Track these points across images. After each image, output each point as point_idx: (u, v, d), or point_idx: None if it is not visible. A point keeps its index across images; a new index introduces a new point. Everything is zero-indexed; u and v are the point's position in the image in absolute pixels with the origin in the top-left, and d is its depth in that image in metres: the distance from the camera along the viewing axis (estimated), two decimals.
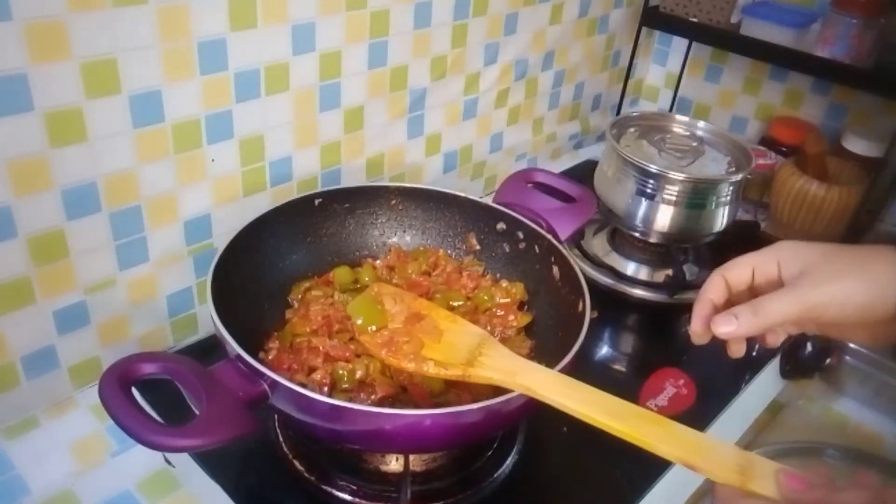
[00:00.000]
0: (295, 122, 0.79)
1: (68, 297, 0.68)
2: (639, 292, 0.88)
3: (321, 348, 0.62)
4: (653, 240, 0.91)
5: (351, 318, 0.63)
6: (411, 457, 0.60)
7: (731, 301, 0.52)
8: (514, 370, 0.53)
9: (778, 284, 0.50)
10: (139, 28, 0.62)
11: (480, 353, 0.56)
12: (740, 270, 0.52)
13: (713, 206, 0.87)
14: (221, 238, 0.68)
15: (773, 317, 0.48)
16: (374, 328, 0.61)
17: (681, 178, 0.85)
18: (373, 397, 0.59)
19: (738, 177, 0.87)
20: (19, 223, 0.61)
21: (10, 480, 0.65)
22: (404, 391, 0.61)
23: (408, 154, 0.96)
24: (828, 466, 0.43)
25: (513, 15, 0.99)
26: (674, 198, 0.86)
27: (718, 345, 0.51)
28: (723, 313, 0.50)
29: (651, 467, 0.64)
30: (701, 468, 0.44)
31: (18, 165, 0.59)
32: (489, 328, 0.68)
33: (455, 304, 0.71)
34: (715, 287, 0.53)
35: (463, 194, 0.77)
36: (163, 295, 0.76)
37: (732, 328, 0.49)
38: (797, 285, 0.49)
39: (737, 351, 0.53)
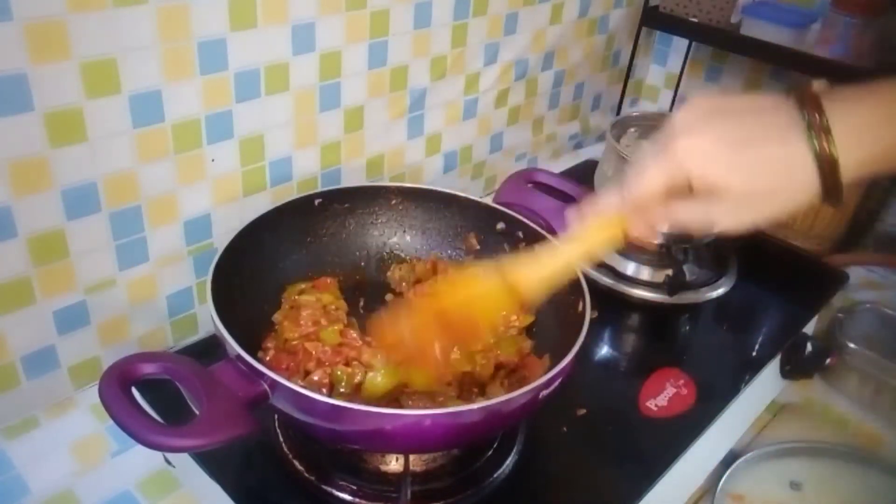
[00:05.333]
0: (295, 122, 0.79)
1: (68, 297, 0.68)
2: (639, 292, 0.88)
3: (314, 353, 0.62)
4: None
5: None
6: (411, 457, 0.60)
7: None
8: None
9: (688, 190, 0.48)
10: (139, 28, 0.62)
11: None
12: (647, 190, 0.48)
13: None
14: (221, 238, 0.68)
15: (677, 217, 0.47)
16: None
17: None
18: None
19: None
20: (19, 223, 0.61)
21: (10, 480, 0.65)
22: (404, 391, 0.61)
23: (408, 154, 0.96)
24: (827, 463, 0.41)
25: (513, 15, 0.99)
26: None
27: (719, 345, 0.51)
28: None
29: (651, 467, 0.64)
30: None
31: (18, 165, 0.59)
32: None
33: None
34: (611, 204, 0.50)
35: (463, 194, 0.77)
36: (163, 295, 0.76)
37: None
38: (705, 202, 0.47)
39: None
